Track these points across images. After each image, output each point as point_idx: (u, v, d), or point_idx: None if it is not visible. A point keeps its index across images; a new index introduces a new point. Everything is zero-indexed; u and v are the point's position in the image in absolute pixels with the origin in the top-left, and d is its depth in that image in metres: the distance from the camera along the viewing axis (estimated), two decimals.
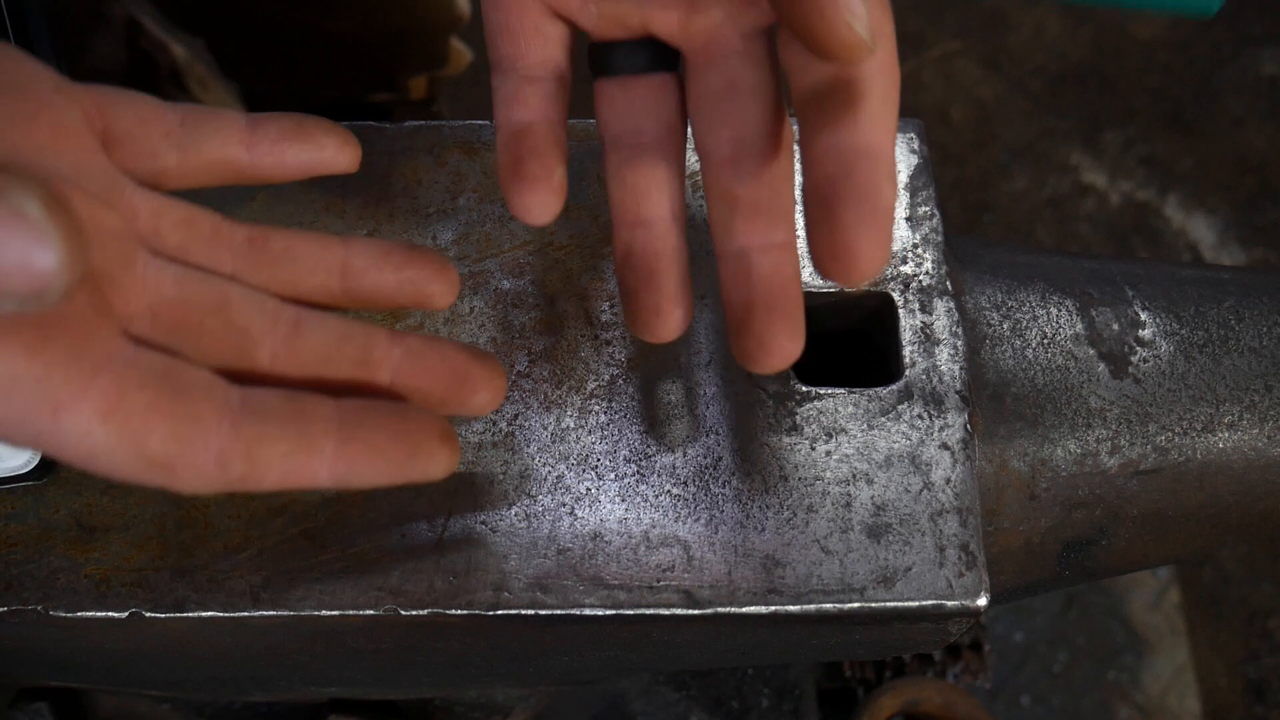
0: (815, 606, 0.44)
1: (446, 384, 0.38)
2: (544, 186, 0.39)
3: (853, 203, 0.34)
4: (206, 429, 0.33)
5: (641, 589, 0.44)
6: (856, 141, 0.35)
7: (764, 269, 0.39)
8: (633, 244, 0.41)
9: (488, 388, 0.39)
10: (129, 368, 0.32)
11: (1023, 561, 0.52)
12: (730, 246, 0.40)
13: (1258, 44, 1.93)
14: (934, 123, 1.86)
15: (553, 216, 0.40)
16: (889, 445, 0.47)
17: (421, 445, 0.36)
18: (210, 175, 0.40)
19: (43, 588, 0.44)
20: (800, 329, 0.39)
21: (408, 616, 0.44)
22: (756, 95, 0.40)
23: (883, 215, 0.34)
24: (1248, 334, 0.53)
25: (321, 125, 0.40)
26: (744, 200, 0.39)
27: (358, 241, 0.40)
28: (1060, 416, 0.50)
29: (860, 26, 0.32)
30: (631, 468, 0.46)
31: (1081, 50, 1.93)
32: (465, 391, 0.39)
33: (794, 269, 0.39)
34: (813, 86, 0.37)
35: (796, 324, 0.39)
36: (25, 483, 0.45)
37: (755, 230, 0.39)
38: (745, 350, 0.39)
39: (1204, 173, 1.84)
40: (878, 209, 0.34)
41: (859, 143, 0.35)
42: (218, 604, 0.44)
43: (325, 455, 0.34)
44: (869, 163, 0.35)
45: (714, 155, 0.40)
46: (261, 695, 0.62)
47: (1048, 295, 0.53)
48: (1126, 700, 1.49)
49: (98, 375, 0.31)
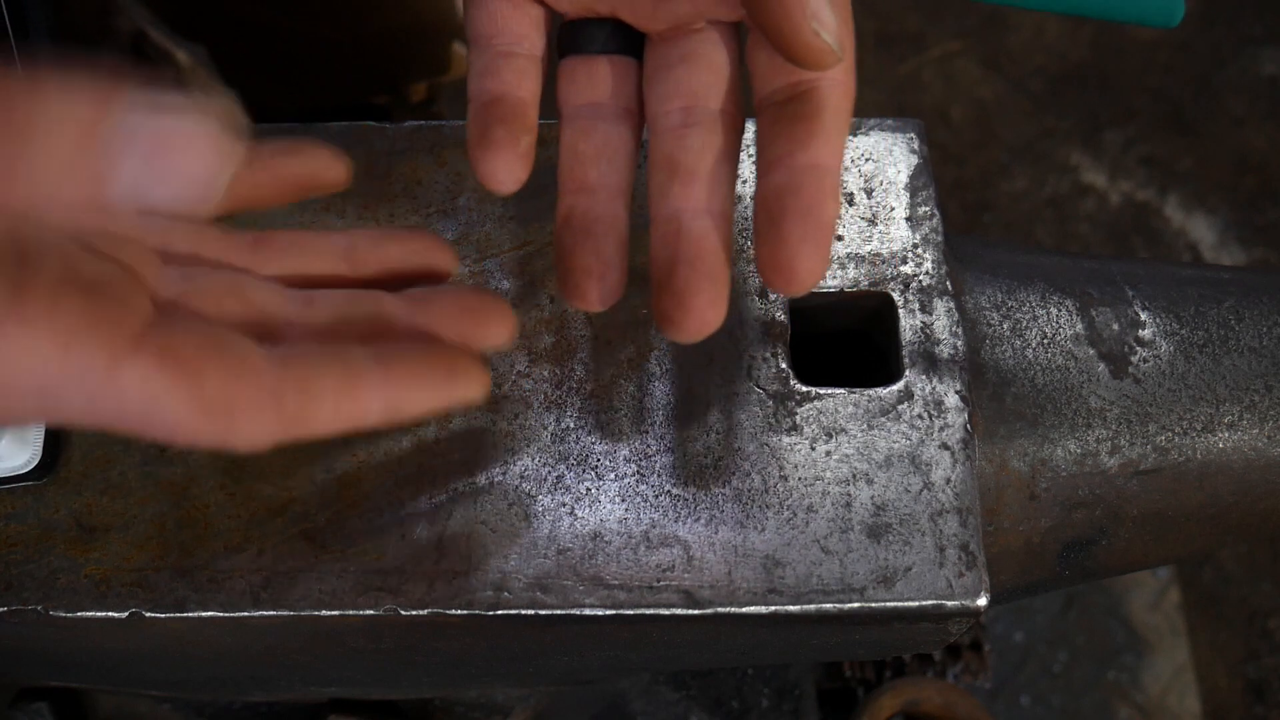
0: (815, 606, 0.44)
1: (460, 322, 0.39)
2: (509, 153, 0.39)
3: (797, 218, 0.36)
4: (258, 369, 0.33)
5: (641, 589, 0.44)
6: (807, 157, 0.37)
7: (694, 231, 0.38)
8: (574, 208, 0.41)
9: (500, 322, 0.39)
10: (174, 325, 0.33)
11: (1023, 561, 0.52)
12: (664, 210, 0.39)
13: (1258, 44, 1.93)
14: (934, 123, 1.86)
15: (518, 184, 0.40)
16: (889, 445, 0.47)
17: (457, 366, 0.37)
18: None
19: (43, 588, 0.44)
20: (723, 299, 0.38)
21: (408, 616, 0.44)
22: (713, 71, 0.40)
23: (824, 231, 0.36)
24: (1248, 334, 0.53)
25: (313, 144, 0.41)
26: (684, 166, 0.39)
27: (359, 229, 0.41)
28: (1060, 416, 0.50)
29: (828, 35, 0.35)
30: (631, 467, 0.46)
31: (1081, 50, 1.93)
32: (479, 327, 0.39)
33: (725, 238, 0.39)
34: (773, 94, 0.38)
35: (720, 290, 0.38)
36: (25, 483, 0.45)
37: (691, 195, 0.39)
38: (664, 311, 0.38)
39: (1204, 173, 1.84)
40: (820, 225, 0.36)
41: (809, 159, 0.37)
42: (218, 604, 0.44)
43: (373, 384, 0.35)
44: (816, 179, 0.37)
45: (662, 123, 0.40)
46: (261, 695, 0.62)
47: (1048, 295, 0.53)
48: (1126, 700, 1.49)
49: (148, 330, 0.32)
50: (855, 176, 0.52)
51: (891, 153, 0.52)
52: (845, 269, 0.50)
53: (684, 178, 0.39)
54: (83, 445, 0.46)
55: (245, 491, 0.45)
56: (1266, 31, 1.93)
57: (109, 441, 0.46)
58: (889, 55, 1.93)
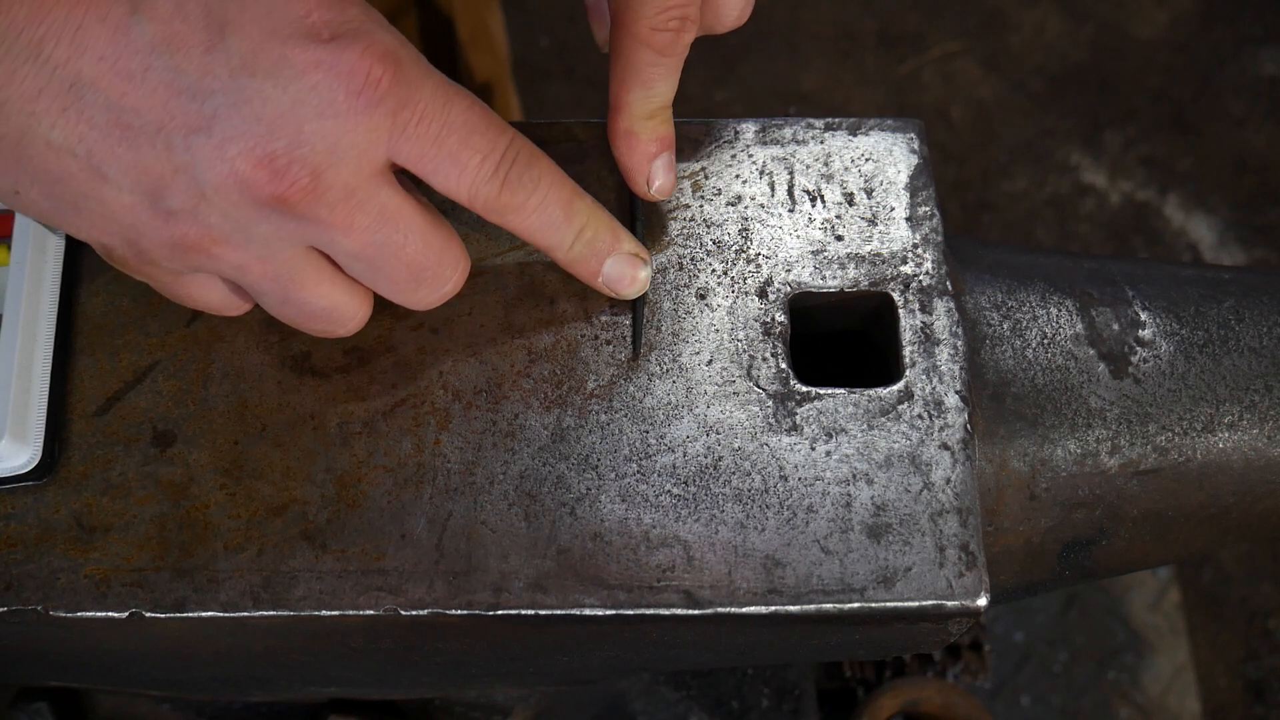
0: (815, 606, 0.44)
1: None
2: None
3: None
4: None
5: (641, 589, 0.44)
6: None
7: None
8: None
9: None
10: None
11: (1023, 561, 0.52)
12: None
13: (1258, 44, 1.93)
14: (934, 123, 1.86)
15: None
16: (889, 445, 0.47)
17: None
18: None
19: (43, 588, 0.44)
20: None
21: (408, 616, 0.44)
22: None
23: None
24: (1248, 334, 0.53)
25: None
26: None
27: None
28: (1060, 416, 0.50)
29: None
30: (632, 467, 0.46)
31: (1081, 50, 1.93)
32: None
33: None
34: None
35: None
36: (25, 483, 0.45)
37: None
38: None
39: (1204, 173, 1.84)
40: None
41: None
42: (218, 604, 0.44)
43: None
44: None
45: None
46: (261, 695, 0.62)
47: (1048, 295, 0.53)
48: (1126, 700, 1.49)
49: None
50: (855, 176, 0.52)
51: (891, 153, 0.52)
52: (845, 269, 0.50)
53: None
54: (82, 445, 0.46)
55: (245, 491, 0.45)
56: (1266, 31, 1.94)
57: (109, 441, 0.46)
58: (889, 55, 1.93)
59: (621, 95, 0.48)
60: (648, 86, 0.47)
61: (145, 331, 0.48)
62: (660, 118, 0.48)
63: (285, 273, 0.42)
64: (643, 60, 0.47)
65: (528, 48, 1.85)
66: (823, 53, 1.93)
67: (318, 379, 0.47)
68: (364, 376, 0.47)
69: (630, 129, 0.48)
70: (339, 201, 0.40)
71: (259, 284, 0.42)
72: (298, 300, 0.43)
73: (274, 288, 0.42)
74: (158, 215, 0.39)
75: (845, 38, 1.94)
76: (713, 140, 0.52)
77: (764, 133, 0.52)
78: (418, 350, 0.48)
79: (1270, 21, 1.94)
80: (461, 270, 0.45)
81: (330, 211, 0.40)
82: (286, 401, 0.47)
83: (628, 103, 0.48)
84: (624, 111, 0.48)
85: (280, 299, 0.43)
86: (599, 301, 0.49)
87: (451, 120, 0.40)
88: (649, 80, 0.47)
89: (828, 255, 0.50)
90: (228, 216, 0.39)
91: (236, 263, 0.41)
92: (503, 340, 0.48)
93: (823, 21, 1.95)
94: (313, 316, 0.44)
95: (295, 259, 0.42)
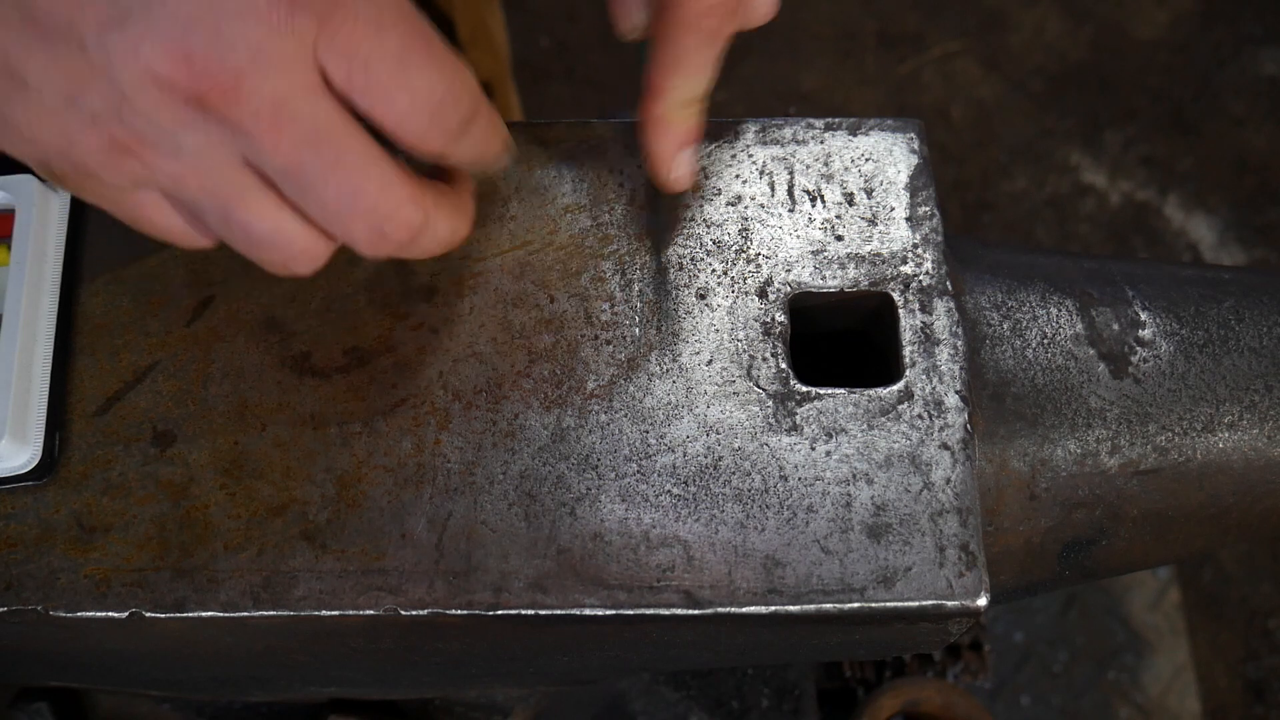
0: (815, 606, 0.44)
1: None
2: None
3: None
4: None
5: (641, 589, 0.44)
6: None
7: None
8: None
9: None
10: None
11: (1023, 561, 0.52)
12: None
13: (1258, 44, 1.93)
14: (934, 123, 1.86)
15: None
16: (889, 445, 0.47)
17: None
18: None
19: (43, 588, 0.44)
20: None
21: (408, 616, 0.44)
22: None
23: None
24: (1248, 334, 0.53)
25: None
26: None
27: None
28: (1060, 416, 0.50)
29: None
30: (632, 467, 0.46)
31: (1081, 50, 1.93)
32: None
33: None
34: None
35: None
36: (25, 483, 0.45)
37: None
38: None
39: (1204, 173, 1.84)
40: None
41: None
42: (218, 604, 0.44)
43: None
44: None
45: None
46: (261, 695, 0.62)
47: (1048, 295, 0.53)
48: (1126, 700, 1.49)
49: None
50: (855, 176, 0.52)
51: (891, 153, 0.52)
52: (845, 269, 0.50)
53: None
54: (82, 445, 0.46)
55: (245, 491, 0.45)
56: (1266, 31, 1.94)
57: (109, 441, 0.46)
58: (889, 55, 1.93)
59: (661, 80, 0.47)
60: (689, 74, 0.47)
61: (145, 331, 0.48)
62: (695, 108, 0.48)
63: (223, 188, 0.40)
64: (688, 45, 0.46)
65: (528, 48, 1.85)
66: (823, 53, 1.93)
67: (318, 379, 0.47)
68: (364, 376, 0.47)
69: (665, 115, 0.48)
70: (264, 110, 0.38)
71: (198, 199, 0.40)
72: (240, 221, 0.41)
73: (214, 204, 0.40)
74: (82, 119, 0.38)
75: (845, 38, 1.94)
76: (713, 140, 0.52)
77: (764, 133, 0.52)
78: (418, 350, 0.48)
79: (1270, 21, 1.94)
80: (427, 225, 0.42)
81: (255, 120, 0.38)
82: (286, 401, 0.47)
83: (667, 88, 0.48)
84: (662, 97, 0.48)
85: (221, 218, 0.41)
86: (599, 301, 0.49)
87: (386, 46, 0.38)
88: (692, 67, 0.47)
89: (828, 255, 0.50)
90: (151, 120, 0.38)
91: (172, 173, 0.39)
92: (503, 340, 0.48)
93: (823, 21, 1.95)
94: (258, 243, 0.42)
95: (232, 173, 0.40)
